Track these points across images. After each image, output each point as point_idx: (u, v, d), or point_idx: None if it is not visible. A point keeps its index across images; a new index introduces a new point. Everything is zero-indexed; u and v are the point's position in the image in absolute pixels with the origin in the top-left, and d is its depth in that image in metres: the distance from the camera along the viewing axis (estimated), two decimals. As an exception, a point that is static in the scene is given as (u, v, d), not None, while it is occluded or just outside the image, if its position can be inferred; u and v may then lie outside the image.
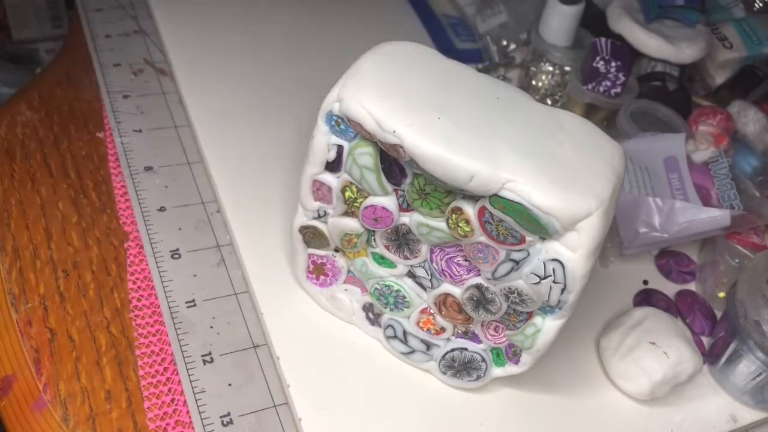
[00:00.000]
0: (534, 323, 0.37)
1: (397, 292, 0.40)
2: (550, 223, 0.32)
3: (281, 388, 0.41)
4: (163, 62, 0.58)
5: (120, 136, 0.51)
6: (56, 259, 0.43)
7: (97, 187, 0.48)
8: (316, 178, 0.38)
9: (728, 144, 0.56)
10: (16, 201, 0.46)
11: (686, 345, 0.44)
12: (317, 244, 0.41)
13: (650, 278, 0.52)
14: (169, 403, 0.39)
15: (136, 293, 0.43)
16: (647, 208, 0.50)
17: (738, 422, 0.45)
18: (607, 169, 0.33)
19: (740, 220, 0.50)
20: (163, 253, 0.45)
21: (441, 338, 0.41)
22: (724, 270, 0.51)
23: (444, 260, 0.37)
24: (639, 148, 0.53)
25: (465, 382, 0.42)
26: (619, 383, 0.44)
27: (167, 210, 0.48)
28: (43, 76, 0.55)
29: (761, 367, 0.44)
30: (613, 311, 0.49)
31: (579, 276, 0.33)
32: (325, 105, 0.35)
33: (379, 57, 0.35)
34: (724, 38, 0.64)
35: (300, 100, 0.56)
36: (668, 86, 0.61)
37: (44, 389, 0.38)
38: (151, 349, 0.41)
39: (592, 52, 0.57)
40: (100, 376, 0.39)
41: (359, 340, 0.43)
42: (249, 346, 0.42)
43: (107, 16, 0.61)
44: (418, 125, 0.32)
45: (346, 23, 0.66)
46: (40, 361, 0.39)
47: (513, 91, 0.35)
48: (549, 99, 0.63)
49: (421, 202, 0.35)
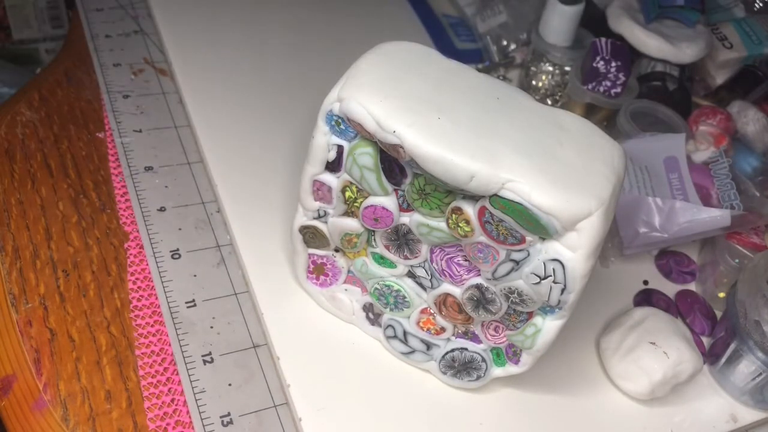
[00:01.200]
0: (534, 323, 0.37)
1: (397, 292, 0.40)
2: (550, 223, 0.32)
3: (281, 388, 0.41)
4: (163, 62, 0.58)
5: (120, 136, 0.51)
6: (56, 259, 0.43)
7: (97, 187, 0.48)
8: (316, 178, 0.38)
9: (728, 144, 0.56)
10: (16, 201, 0.46)
11: (686, 345, 0.44)
12: (317, 244, 0.41)
13: (650, 278, 0.52)
14: (169, 403, 0.39)
15: (136, 293, 0.43)
16: (647, 208, 0.50)
17: (738, 422, 0.45)
18: (607, 169, 0.33)
19: (740, 220, 0.50)
20: (163, 253, 0.45)
21: (441, 338, 0.41)
22: (724, 270, 0.51)
23: (444, 260, 0.37)
24: (639, 148, 0.53)
25: (465, 382, 0.42)
26: (619, 383, 0.44)
27: (167, 210, 0.48)
28: (43, 76, 0.55)
29: (761, 367, 0.44)
30: (613, 311, 0.49)
31: (579, 276, 0.33)
32: (325, 105, 0.35)
33: (379, 57, 0.35)
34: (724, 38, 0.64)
35: (300, 100, 0.56)
36: (668, 86, 0.61)
37: (44, 389, 0.38)
38: (151, 349, 0.41)
39: (592, 52, 0.57)
40: (100, 376, 0.39)
41: (359, 340, 0.43)
42: (249, 346, 0.42)
43: (107, 16, 0.61)
44: (418, 125, 0.32)
45: (346, 23, 0.66)
46: (40, 361, 0.39)
47: (513, 91, 0.35)
48: (549, 99, 0.63)
49: (421, 202, 0.35)
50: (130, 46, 0.58)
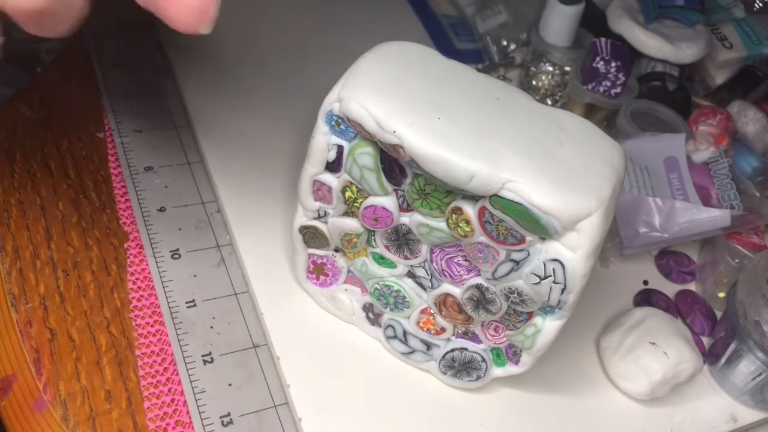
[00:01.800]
0: (534, 323, 0.37)
1: (397, 292, 0.40)
2: (550, 223, 0.32)
3: (281, 388, 0.41)
4: (163, 62, 0.58)
5: (120, 136, 0.51)
6: (56, 259, 0.43)
7: (97, 187, 0.48)
8: (316, 179, 0.38)
9: (728, 144, 0.56)
10: (16, 201, 0.46)
11: (686, 345, 0.44)
12: (317, 244, 0.41)
13: (650, 278, 0.52)
14: (169, 403, 0.39)
15: (136, 293, 0.43)
16: (647, 208, 0.50)
17: (738, 422, 0.45)
18: (607, 169, 0.33)
19: (740, 220, 0.50)
20: (163, 253, 0.45)
21: (441, 338, 0.41)
22: (724, 270, 0.51)
23: (444, 260, 0.37)
24: (639, 148, 0.53)
25: (465, 382, 0.42)
26: (619, 383, 0.44)
27: (167, 210, 0.48)
28: (43, 76, 0.55)
29: (761, 367, 0.44)
30: (613, 311, 0.49)
31: (579, 276, 0.33)
32: (325, 105, 0.35)
33: (379, 57, 0.35)
34: (724, 38, 0.64)
35: (300, 100, 0.56)
36: (668, 86, 0.61)
37: (44, 389, 0.38)
38: (151, 349, 0.41)
39: (592, 52, 0.57)
40: (100, 376, 0.39)
41: (359, 340, 0.43)
42: (249, 346, 0.42)
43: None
44: (418, 125, 0.32)
45: (346, 23, 0.66)
46: (40, 361, 0.39)
47: (513, 91, 0.35)
48: (549, 99, 0.63)
49: (421, 202, 0.35)
50: (130, 46, 0.58)
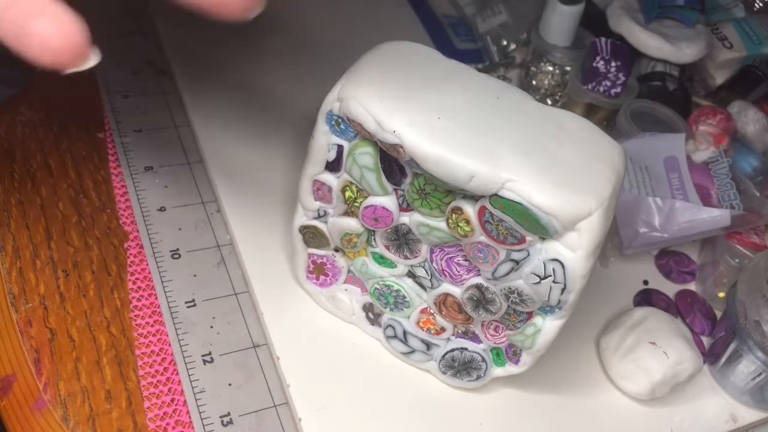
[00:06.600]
0: (534, 323, 0.37)
1: (397, 292, 0.40)
2: (550, 223, 0.32)
3: (281, 388, 0.41)
4: (163, 62, 0.58)
5: (120, 136, 0.51)
6: (56, 259, 0.43)
7: (97, 187, 0.48)
8: (316, 178, 0.38)
9: (728, 144, 0.56)
10: (16, 201, 0.46)
11: (686, 345, 0.44)
12: (317, 243, 0.41)
13: (650, 278, 0.52)
14: (169, 403, 0.39)
15: (136, 293, 0.43)
16: (647, 208, 0.50)
17: (738, 422, 0.45)
18: (607, 169, 0.33)
19: (740, 220, 0.50)
20: (163, 253, 0.45)
21: (441, 338, 0.41)
22: (724, 270, 0.51)
23: (444, 260, 0.37)
24: (639, 148, 0.53)
25: (465, 382, 0.42)
26: (619, 383, 0.44)
27: (167, 210, 0.48)
28: (43, 76, 0.55)
29: (761, 367, 0.44)
30: (613, 311, 0.49)
31: (579, 276, 0.33)
32: (325, 105, 0.35)
33: (379, 57, 0.35)
34: (724, 38, 0.64)
35: (300, 100, 0.56)
36: (668, 86, 0.61)
37: (44, 389, 0.38)
38: (151, 349, 0.41)
39: (592, 52, 0.57)
40: (100, 376, 0.39)
41: (359, 340, 0.43)
42: (249, 346, 0.42)
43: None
44: (418, 125, 0.32)
45: (345, 23, 0.66)
46: (40, 361, 0.39)
47: (513, 91, 0.35)
48: (549, 99, 0.63)
49: (421, 202, 0.35)
50: (130, 46, 0.58)
